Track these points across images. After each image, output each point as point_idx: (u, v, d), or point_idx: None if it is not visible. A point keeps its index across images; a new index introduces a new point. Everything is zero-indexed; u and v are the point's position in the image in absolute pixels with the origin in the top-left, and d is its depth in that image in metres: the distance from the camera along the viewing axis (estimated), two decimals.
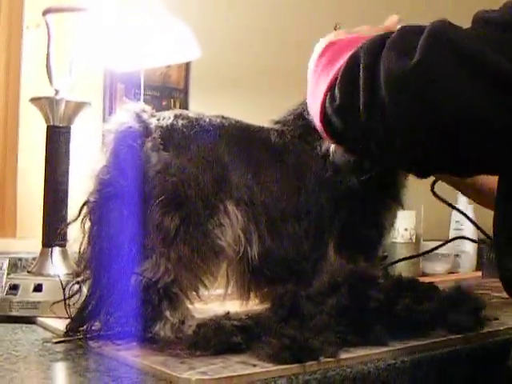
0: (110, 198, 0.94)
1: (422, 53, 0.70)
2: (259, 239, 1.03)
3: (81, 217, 0.97)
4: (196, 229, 0.94)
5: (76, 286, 0.96)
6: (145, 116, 1.01)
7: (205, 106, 1.11)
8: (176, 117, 1.02)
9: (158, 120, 1.01)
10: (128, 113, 1.01)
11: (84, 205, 0.97)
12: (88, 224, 0.96)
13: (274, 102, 1.98)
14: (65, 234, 1.17)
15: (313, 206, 1.09)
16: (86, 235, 0.96)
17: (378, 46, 0.75)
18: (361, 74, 0.75)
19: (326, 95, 0.80)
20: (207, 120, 1.04)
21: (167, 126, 1.00)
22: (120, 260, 0.92)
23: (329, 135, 0.86)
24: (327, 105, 0.80)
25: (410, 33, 0.75)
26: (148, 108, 1.04)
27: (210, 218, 0.96)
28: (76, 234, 0.99)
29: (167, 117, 1.02)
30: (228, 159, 1.02)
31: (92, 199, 0.96)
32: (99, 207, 0.95)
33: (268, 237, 1.04)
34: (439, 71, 0.69)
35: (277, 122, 1.19)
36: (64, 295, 0.96)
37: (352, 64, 0.76)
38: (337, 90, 0.77)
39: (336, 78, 0.78)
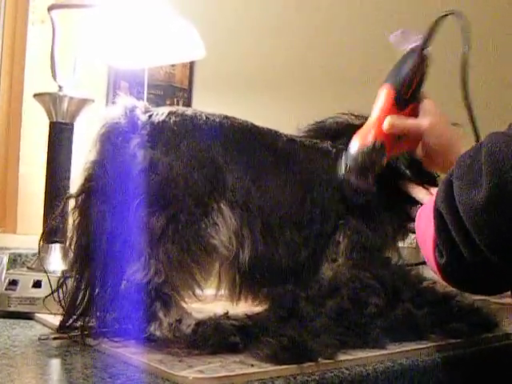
0: (91, 193, 0.93)
1: (488, 184, 0.73)
2: (252, 245, 1.00)
3: (70, 210, 0.96)
4: (187, 228, 0.92)
5: (67, 282, 0.96)
6: (136, 112, 0.98)
7: (208, 105, 1.10)
8: (170, 113, 0.99)
9: (151, 116, 0.98)
10: (119, 108, 0.99)
11: (67, 199, 0.96)
12: (73, 218, 0.95)
13: (278, 102, 1.99)
14: (64, 231, 1.17)
15: (318, 215, 1.08)
16: (73, 230, 0.95)
17: (449, 193, 0.80)
18: (451, 228, 0.80)
19: (434, 254, 0.86)
20: (204, 118, 1.01)
21: (158, 122, 0.97)
22: (104, 257, 0.91)
23: (449, 283, 0.91)
24: (439, 261, 0.86)
25: (468, 163, 0.79)
26: (141, 104, 1.00)
27: (204, 216, 0.94)
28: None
29: (160, 113, 0.99)
30: (222, 160, 0.99)
31: (74, 194, 0.95)
32: (81, 202, 0.94)
33: (262, 243, 1.01)
34: (509, 193, 0.72)
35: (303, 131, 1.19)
36: (52, 290, 0.96)
37: (439, 222, 0.83)
38: (440, 247, 0.84)
39: (436, 238, 0.85)
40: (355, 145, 1.06)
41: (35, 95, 1.24)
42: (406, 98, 1.09)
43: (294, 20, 2.13)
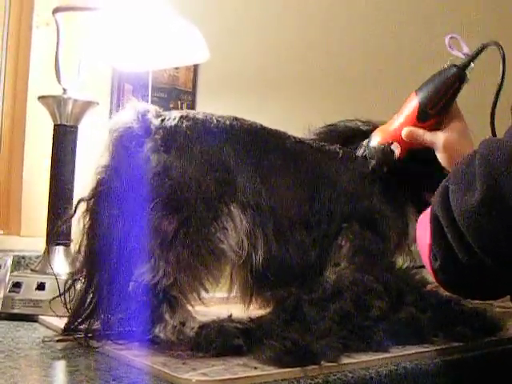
0: (103, 197, 0.93)
1: (482, 187, 0.75)
2: (265, 245, 1.00)
3: (78, 215, 0.96)
4: (197, 232, 0.92)
5: (76, 284, 0.96)
6: (148, 116, 0.98)
7: (212, 108, 1.11)
8: (182, 118, 1.00)
9: (163, 121, 0.99)
10: (131, 112, 0.99)
11: (79, 202, 0.97)
12: (83, 222, 0.96)
13: (282, 105, 1.99)
14: (69, 233, 1.17)
15: (325, 216, 1.08)
16: (83, 233, 0.96)
17: (444, 198, 0.81)
18: (446, 231, 0.81)
19: (430, 258, 0.87)
20: (215, 122, 1.02)
21: (171, 126, 0.98)
22: (114, 260, 0.91)
23: (444, 287, 0.93)
24: (433, 265, 0.86)
25: (463, 168, 0.80)
26: (153, 108, 1.01)
27: (213, 220, 0.94)
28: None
29: (172, 117, 0.99)
30: (234, 162, 0.99)
31: (86, 197, 0.96)
32: (93, 205, 0.95)
33: (274, 243, 1.02)
34: (502, 196, 0.73)
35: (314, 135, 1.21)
36: (60, 293, 0.96)
37: (435, 226, 0.83)
38: (435, 251, 0.85)
39: (431, 242, 0.85)
40: (376, 139, 1.17)
41: (39, 98, 1.24)
42: (431, 112, 1.13)
43: (297, 21, 2.13)
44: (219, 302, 1.11)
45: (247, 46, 1.99)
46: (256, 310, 1.06)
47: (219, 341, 0.84)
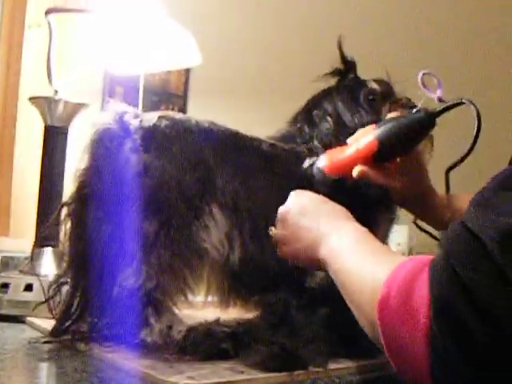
0: (85, 200, 0.94)
1: None
2: (242, 246, 1.00)
3: (63, 218, 0.96)
4: (178, 232, 0.92)
5: (61, 288, 0.96)
6: (126, 117, 0.98)
7: (203, 112, 1.11)
8: (160, 117, 0.99)
9: (141, 121, 0.98)
10: (109, 114, 0.99)
11: (62, 206, 0.97)
12: (67, 225, 0.96)
13: (273, 109, 2.00)
14: (56, 235, 1.16)
15: None
16: (67, 237, 0.96)
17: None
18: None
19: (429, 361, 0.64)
20: (193, 122, 1.02)
21: (149, 126, 0.97)
22: (98, 264, 0.91)
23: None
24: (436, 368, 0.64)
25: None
26: (131, 109, 1.02)
27: (195, 219, 0.94)
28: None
29: (150, 117, 0.99)
30: (213, 163, 0.99)
31: (69, 201, 0.96)
32: (75, 209, 0.95)
33: (251, 244, 1.02)
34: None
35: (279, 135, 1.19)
36: (44, 295, 0.96)
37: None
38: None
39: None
40: (323, 162, 1.06)
41: (30, 99, 1.24)
42: (390, 154, 1.03)
43: (288, 27, 2.14)
44: (204, 306, 1.11)
45: (239, 50, 1.99)
46: (242, 314, 1.06)
47: (206, 344, 0.84)
